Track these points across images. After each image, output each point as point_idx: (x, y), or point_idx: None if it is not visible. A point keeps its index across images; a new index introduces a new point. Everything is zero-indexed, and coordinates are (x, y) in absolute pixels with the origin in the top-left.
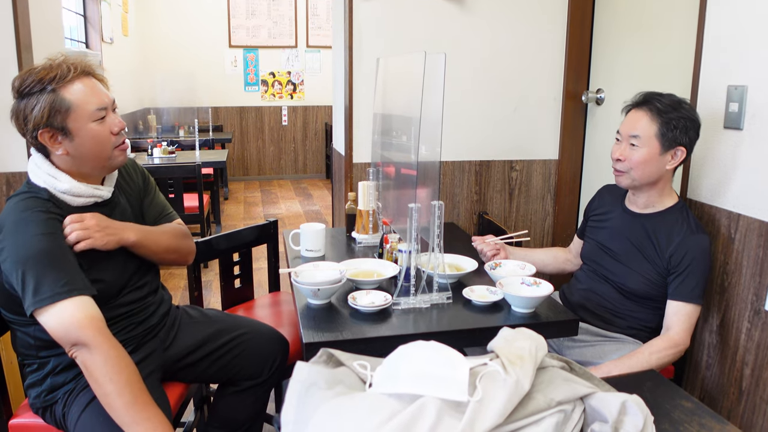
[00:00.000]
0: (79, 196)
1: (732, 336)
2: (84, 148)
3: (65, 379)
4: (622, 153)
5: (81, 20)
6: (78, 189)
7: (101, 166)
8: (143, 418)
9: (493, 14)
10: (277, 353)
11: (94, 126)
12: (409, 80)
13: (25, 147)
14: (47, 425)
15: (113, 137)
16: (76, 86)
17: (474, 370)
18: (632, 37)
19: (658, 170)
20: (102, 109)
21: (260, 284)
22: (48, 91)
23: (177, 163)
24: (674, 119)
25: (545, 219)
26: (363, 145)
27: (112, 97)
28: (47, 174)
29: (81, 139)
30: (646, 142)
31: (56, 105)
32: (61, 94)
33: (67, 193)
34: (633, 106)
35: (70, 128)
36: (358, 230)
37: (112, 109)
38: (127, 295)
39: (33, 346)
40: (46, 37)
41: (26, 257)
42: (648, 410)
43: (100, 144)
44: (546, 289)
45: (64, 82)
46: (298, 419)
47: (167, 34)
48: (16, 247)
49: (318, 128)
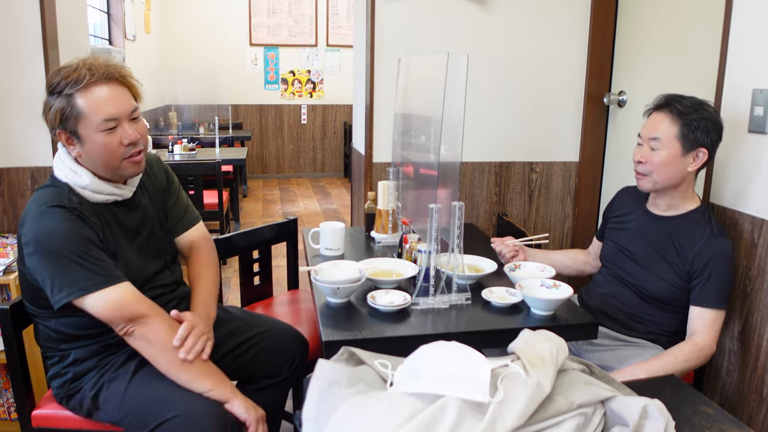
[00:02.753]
0: (98, 193)
1: (753, 342)
2: (93, 155)
3: (88, 367)
4: (644, 155)
5: (105, 17)
6: (98, 186)
7: (112, 174)
8: (209, 371)
9: (515, 15)
10: (297, 352)
11: (101, 136)
12: (430, 81)
13: (50, 142)
14: (70, 415)
15: (123, 148)
16: (91, 93)
17: (495, 371)
18: (655, 39)
19: (679, 172)
20: (111, 119)
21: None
22: (63, 95)
23: (197, 160)
24: (695, 120)
25: (565, 221)
26: (383, 144)
27: (133, 105)
28: (69, 169)
29: (90, 147)
30: (666, 144)
31: (68, 110)
32: (74, 100)
33: (87, 189)
34: (654, 109)
35: (80, 134)
36: (377, 230)
37: (131, 119)
38: (147, 291)
39: (54, 339)
40: (71, 33)
41: (53, 251)
42: (669, 415)
43: (108, 154)
44: (565, 291)
45: (79, 87)
46: (319, 417)
47: (189, 31)
48: (40, 241)
49: (337, 127)
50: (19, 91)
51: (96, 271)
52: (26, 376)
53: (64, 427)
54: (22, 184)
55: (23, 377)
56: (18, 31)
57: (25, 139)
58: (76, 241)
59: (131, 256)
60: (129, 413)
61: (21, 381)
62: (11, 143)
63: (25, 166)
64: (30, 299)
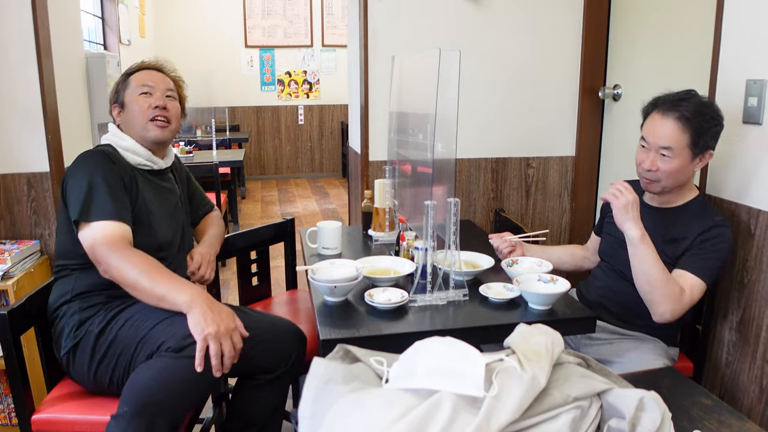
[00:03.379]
0: (137, 155)
1: (752, 333)
2: (129, 116)
3: (95, 309)
4: (653, 163)
5: (99, 22)
6: (137, 148)
7: (141, 137)
8: (175, 285)
9: (508, 11)
10: (294, 347)
11: (138, 98)
12: (424, 78)
13: (45, 148)
14: (70, 418)
15: (151, 110)
16: (139, 73)
17: (490, 365)
18: (649, 32)
19: (688, 175)
20: (146, 85)
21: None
22: (122, 76)
23: (195, 163)
24: (704, 125)
25: (562, 216)
26: (379, 143)
27: (170, 85)
28: (114, 135)
29: (128, 108)
30: (678, 153)
31: (121, 85)
32: (128, 79)
33: (128, 151)
34: (657, 111)
35: (124, 101)
36: (374, 228)
37: (165, 95)
38: (159, 253)
39: (70, 292)
40: (65, 39)
41: (90, 177)
42: (665, 406)
43: (138, 113)
44: (563, 286)
45: (133, 71)
46: (315, 414)
47: (184, 35)
48: (79, 164)
49: (334, 127)
50: (14, 97)
51: (112, 203)
52: (25, 380)
53: (63, 431)
54: (18, 190)
55: (22, 382)
56: (11, 37)
57: (21, 145)
58: (106, 173)
59: (158, 213)
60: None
61: (20, 386)
62: (6, 149)
63: (21, 172)
64: (62, 252)
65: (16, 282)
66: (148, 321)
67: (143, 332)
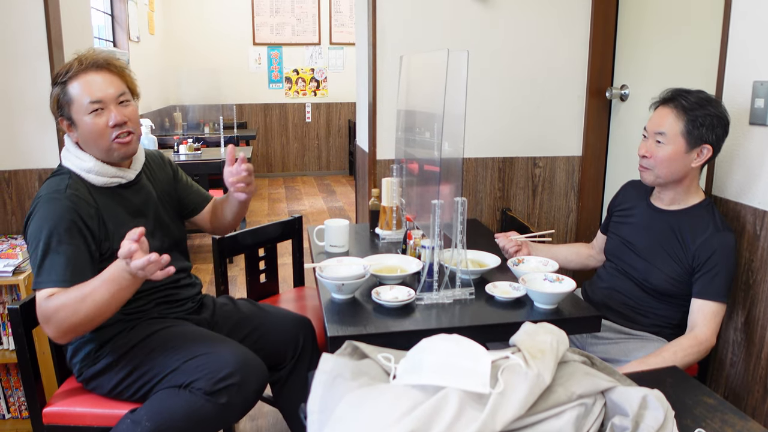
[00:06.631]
0: (102, 176)
1: (757, 333)
2: (85, 137)
3: (111, 334)
4: (648, 149)
5: (109, 19)
6: (101, 169)
7: (107, 156)
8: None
9: (516, 11)
10: (299, 333)
11: (89, 118)
12: (432, 77)
13: (57, 144)
14: (81, 411)
15: (110, 130)
16: (79, 80)
17: (496, 362)
18: (657, 32)
19: (683, 168)
20: (96, 102)
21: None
22: (58, 84)
23: (202, 160)
24: (700, 117)
25: (569, 216)
26: (386, 141)
27: (120, 89)
28: (75, 156)
29: (82, 130)
30: (671, 139)
31: (61, 98)
32: (66, 88)
33: (91, 173)
34: (660, 103)
35: (74, 119)
36: (381, 226)
37: (117, 102)
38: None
39: None
40: (76, 36)
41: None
42: (669, 405)
43: (97, 135)
44: (568, 285)
45: (70, 76)
46: (323, 409)
47: (192, 32)
48: (43, 218)
49: (341, 125)
50: (25, 93)
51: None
52: (36, 374)
53: (74, 424)
54: (30, 185)
55: (34, 375)
56: (23, 34)
57: (32, 141)
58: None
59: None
60: (177, 360)
61: (31, 379)
62: (18, 145)
63: (32, 168)
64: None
65: (27, 277)
66: (181, 353)
67: (176, 363)
